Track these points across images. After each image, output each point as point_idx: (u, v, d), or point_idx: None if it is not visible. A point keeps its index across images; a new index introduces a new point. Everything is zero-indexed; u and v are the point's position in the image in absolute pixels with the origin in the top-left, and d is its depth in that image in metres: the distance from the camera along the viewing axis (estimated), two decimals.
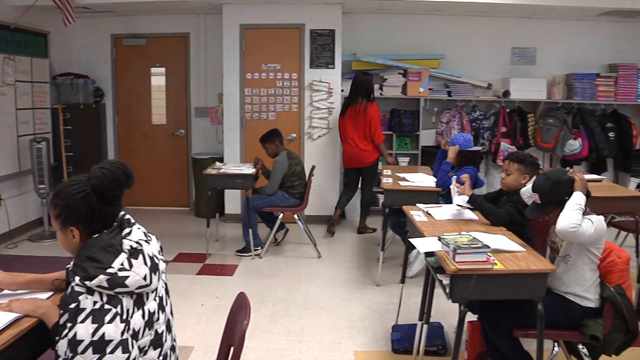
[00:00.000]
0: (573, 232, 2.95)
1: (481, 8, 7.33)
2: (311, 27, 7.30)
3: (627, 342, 3.08)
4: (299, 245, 6.60)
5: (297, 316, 4.59)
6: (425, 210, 4.05)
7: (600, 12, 7.37)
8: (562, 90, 7.95)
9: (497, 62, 8.06)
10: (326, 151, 7.45)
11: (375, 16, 7.87)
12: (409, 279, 5.31)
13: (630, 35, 8.16)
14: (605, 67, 8.19)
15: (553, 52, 8.11)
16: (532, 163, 3.93)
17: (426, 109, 7.84)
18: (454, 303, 2.93)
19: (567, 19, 8.00)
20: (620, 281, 3.07)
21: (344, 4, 7.23)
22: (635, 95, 7.98)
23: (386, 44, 7.87)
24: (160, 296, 2.11)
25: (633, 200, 5.35)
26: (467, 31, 7.95)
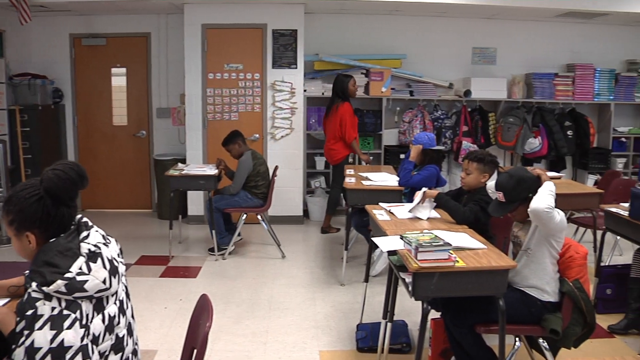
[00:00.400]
0: (547, 213, 3.02)
1: (441, 8, 7.40)
2: (273, 27, 7.27)
3: (585, 334, 3.16)
4: (262, 245, 6.57)
5: (262, 317, 4.57)
6: (387, 209, 4.07)
7: (558, 13, 7.51)
8: (522, 90, 8.08)
9: (458, 61, 8.16)
10: (289, 151, 7.43)
11: (338, 16, 7.88)
12: (373, 278, 5.33)
13: (586, 36, 8.34)
14: (563, 67, 8.36)
15: (513, 52, 8.23)
16: (491, 161, 3.98)
17: (388, 108, 7.90)
18: (416, 301, 2.95)
19: (526, 19, 8.13)
20: (578, 276, 3.14)
21: (306, 4, 7.23)
22: (592, 95, 8.17)
23: (348, 44, 7.90)
24: (121, 299, 2.08)
25: (591, 197, 5.47)
26: (429, 31, 8.02)
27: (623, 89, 8.26)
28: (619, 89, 8.24)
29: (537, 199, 3.06)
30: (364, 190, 5.13)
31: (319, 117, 7.74)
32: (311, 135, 7.77)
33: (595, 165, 8.15)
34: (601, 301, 4.71)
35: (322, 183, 7.89)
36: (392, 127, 7.97)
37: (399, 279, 3.15)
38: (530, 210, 3.06)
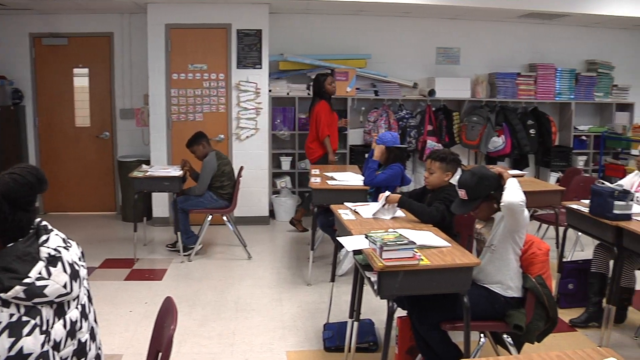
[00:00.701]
0: (521, 206, 3.08)
1: (406, 9, 7.45)
2: (238, 27, 7.23)
3: (547, 329, 3.21)
4: (228, 247, 6.54)
5: (228, 319, 4.55)
6: (352, 208, 4.08)
7: (520, 14, 7.62)
8: (485, 89, 8.18)
9: (423, 61, 8.23)
10: (255, 152, 7.40)
11: (303, 16, 7.88)
12: (340, 277, 5.35)
13: (548, 37, 8.49)
14: (526, 66, 8.49)
15: (476, 52, 8.33)
16: (453, 160, 4.02)
17: (354, 108, 7.92)
18: (382, 300, 2.97)
19: (489, 20, 8.23)
20: (541, 272, 3.19)
21: (271, 4, 7.20)
22: (554, 94, 8.31)
23: (313, 44, 7.90)
24: (83, 304, 2.04)
25: (553, 194, 5.57)
26: (393, 31, 8.07)
27: (583, 88, 8.44)
28: (579, 88, 8.41)
29: (510, 193, 3.10)
30: (329, 190, 5.15)
31: (284, 117, 7.74)
32: (276, 135, 7.76)
33: (557, 163, 8.30)
34: (563, 296, 4.80)
35: (287, 183, 7.88)
36: (358, 126, 8.00)
37: (365, 278, 3.16)
38: (505, 204, 3.09)
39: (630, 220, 3.92)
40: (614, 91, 8.66)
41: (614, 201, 3.88)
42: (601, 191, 3.99)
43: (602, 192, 3.98)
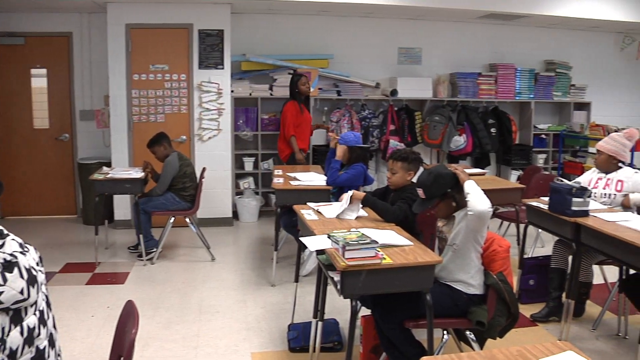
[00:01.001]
0: (490, 211, 3.14)
1: (368, 9, 7.49)
2: (199, 27, 7.17)
3: (509, 324, 3.27)
4: (192, 249, 6.48)
5: (192, 321, 4.50)
6: (315, 208, 4.08)
7: (481, 14, 7.73)
8: (446, 89, 8.27)
9: (385, 61, 8.28)
10: (217, 153, 7.34)
11: (265, 16, 7.86)
12: (304, 278, 5.35)
13: (508, 37, 8.63)
14: (486, 66, 8.60)
15: (437, 52, 8.42)
16: (415, 159, 4.05)
17: (316, 108, 7.94)
18: (345, 299, 2.97)
19: (450, 20, 8.33)
20: (501, 268, 3.24)
21: (233, 4, 7.17)
22: (514, 93, 8.45)
23: (276, 44, 7.89)
24: (41, 310, 2.00)
25: (514, 192, 5.66)
26: (355, 31, 8.10)
27: (542, 87, 8.60)
28: (538, 87, 8.57)
29: (476, 200, 3.13)
30: (292, 190, 5.14)
31: (246, 117, 7.71)
32: (239, 136, 7.71)
33: (517, 161, 8.44)
34: (524, 292, 4.88)
35: (251, 184, 7.86)
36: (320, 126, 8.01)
37: (328, 277, 3.16)
38: (475, 213, 3.12)
39: (588, 216, 4.00)
40: (572, 91, 8.85)
41: (572, 198, 3.95)
42: (560, 188, 4.06)
43: (560, 189, 4.05)
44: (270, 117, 7.84)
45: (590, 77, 9.04)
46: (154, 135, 6.13)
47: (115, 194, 6.93)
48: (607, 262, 4.37)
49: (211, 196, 7.25)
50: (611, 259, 3.98)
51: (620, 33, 9.04)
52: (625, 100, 9.39)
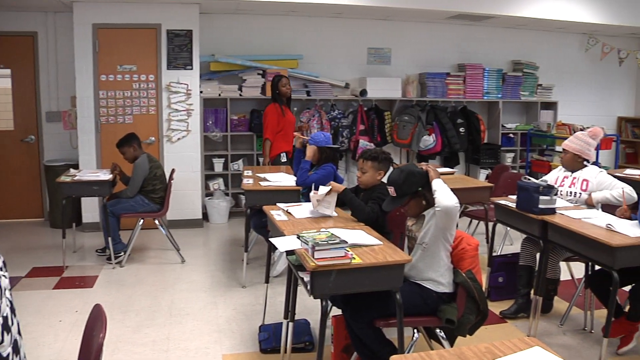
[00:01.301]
0: (457, 207, 3.17)
1: (337, 9, 7.50)
2: (168, 27, 7.11)
3: (479, 322, 3.30)
4: (161, 251, 6.41)
5: (162, 324, 4.46)
6: (285, 209, 4.08)
7: (449, 15, 7.79)
8: (416, 89, 8.33)
9: (354, 62, 8.30)
10: (187, 154, 7.29)
11: (234, 16, 7.82)
12: (274, 278, 5.34)
13: (476, 37, 8.73)
14: (455, 66, 8.69)
15: (407, 52, 8.47)
16: (385, 159, 4.06)
17: None
18: (315, 299, 2.97)
19: (418, 21, 8.38)
20: (471, 266, 3.27)
21: (202, 4, 7.12)
22: (482, 93, 8.55)
23: (245, 44, 7.86)
24: (4, 316, 1.96)
25: (483, 191, 5.72)
26: (325, 32, 8.11)
27: (510, 87, 8.71)
28: (506, 87, 8.68)
29: (443, 196, 3.17)
30: (261, 191, 5.12)
31: (216, 118, 7.66)
32: (208, 137, 7.66)
33: (486, 160, 8.53)
34: (494, 289, 4.93)
35: (220, 185, 7.81)
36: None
37: (298, 278, 3.16)
38: (442, 209, 3.15)
39: (555, 214, 4.06)
40: (539, 90, 8.98)
41: (539, 196, 4.01)
42: (527, 187, 4.11)
43: (527, 187, 4.11)
44: (239, 117, 7.81)
45: (557, 77, 9.20)
46: (125, 136, 6.06)
47: (82, 197, 6.82)
48: (574, 258, 4.45)
49: (181, 198, 7.20)
50: (577, 255, 4.04)
51: (584, 34, 9.20)
52: (590, 100, 9.59)
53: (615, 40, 9.27)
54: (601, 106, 9.71)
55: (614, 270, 3.49)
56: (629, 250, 3.50)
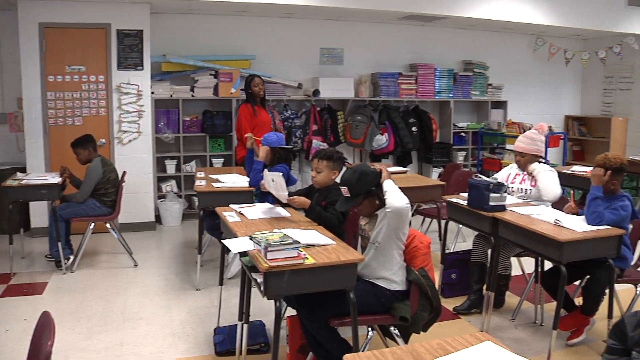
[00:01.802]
0: (408, 207, 3.19)
1: (289, 10, 7.49)
2: (117, 27, 6.98)
3: (432, 319, 3.34)
4: (113, 255, 6.30)
5: (115, 330, 4.37)
6: (238, 210, 4.05)
7: (400, 16, 7.87)
8: (368, 89, 8.38)
9: (307, 62, 8.31)
10: (138, 156, 7.17)
11: (185, 16, 7.74)
12: (229, 280, 5.31)
13: (427, 38, 8.84)
14: (407, 66, 8.78)
15: (359, 52, 8.52)
16: (339, 158, 4.08)
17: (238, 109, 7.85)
18: (269, 300, 2.96)
19: (371, 21, 8.44)
20: (423, 264, 3.31)
21: (152, 3, 7.01)
22: (434, 93, 8.66)
23: (197, 44, 7.78)
24: None
25: (435, 189, 5.80)
26: (277, 32, 8.10)
27: (461, 87, 8.85)
28: (457, 87, 8.81)
29: (394, 197, 3.19)
30: (214, 192, 5.08)
31: (168, 119, 7.57)
32: (160, 138, 7.56)
33: (438, 159, 8.64)
34: (447, 286, 5.00)
35: (173, 187, 7.72)
36: None
37: (252, 279, 3.14)
38: (392, 209, 3.18)
39: (505, 211, 4.14)
40: (489, 90, 9.15)
41: (489, 194, 4.08)
42: (477, 185, 4.19)
43: (478, 185, 4.18)
44: (192, 118, 7.73)
45: (506, 76, 9.38)
46: (82, 136, 5.93)
47: (30, 201, 6.65)
48: (524, 254, 4.54)
49: (132, 200, 7.09)
50: (527, 251, 4.14)
51: (533, 35, 9.42)
52: (538, 99, 9.84)
53: (561, 41, 9.52)
54: (549, 105, 9.97)
55: (562, 265, 3.58)
56: (576, 245, 3.60)
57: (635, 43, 8.92)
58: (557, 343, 3.95)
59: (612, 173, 3.91)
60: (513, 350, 2.06)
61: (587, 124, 10.20)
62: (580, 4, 8.35)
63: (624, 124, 9.51)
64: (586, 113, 10.24)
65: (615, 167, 3.92)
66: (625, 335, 1.84)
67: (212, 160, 7.74)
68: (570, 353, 4.04)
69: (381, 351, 2.04)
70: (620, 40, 9.03)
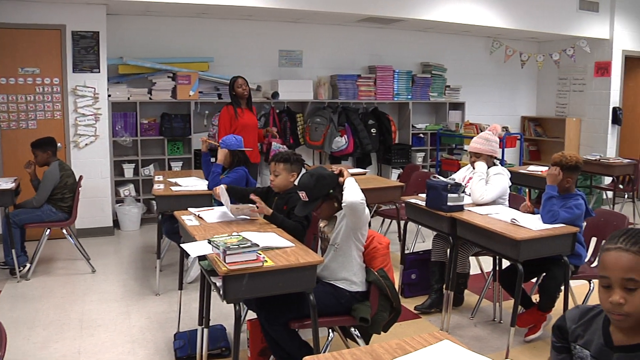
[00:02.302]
0: (362, 204, 3.18)
1: (248, 12, 7.45)
2: (73, 28, 6.84)
3: (392, 319, 3.37)
4: (70, 261, 6.17)
5: (73, 338, 4.28)
6: (196, 214, 4.02)
7: (359, 18, 7.90)
8: (327, 91, 8.39)
9: (266, 64, 8.28)
10: (95, 159, 7.05)
11: (143, 18, 7.64)
12: (189, 284, 5.26)
13: (385, 40, 8.91)
14: (365, 68, 8.82)
15: (318, 54, 8.53)
16: (297, 160, 4.07)
17: (197, 112, 7.79)
18: (228, 304, 2.94)
19: (330, 24, 8.46)
20: (382, 265, 3.33)
21: (109, 4, 6.90)
22: (392, 95, 8.72)
23: (154, 47, 7.68)
24: None
25: (394, 190, 5.84)
26: (236, 34, 8.05)
27: (419, 89, 8.93)
28: (415, 89, 8.89)
29: (350, 193, 3.20)
30: (173, 196, 5.03)
31: (125, 122, 7.46)
32: (118, 142, 7.44)
33: (397, 160, 8.71)
34: (407, 286, 5.04)
35: (131, 191, 7.61)
36: (202, 130, 7.85)
37: (211, 283, 3.12)
38: (347, 204, 3.18)
39: (463, 211, 4.19)
40: (447, 91, 9.26)
41: (447, 194, 4.13)
42: (435, 185, 4.23)
43: (436, 186, 4.23)
44: (150, 121, 7.63)
45: (464, 78, 9.52)
46: (43, 138, 5.84)
47: None
48: (482, 253, 4.60)
49: (90, 205, 6.96)
50: (485, 250, 4.20)
51: (489, 37, 9.57)
52: (495, 100, 10.00)
53: (517, 43, 9.69)
54: (506, 106, 10.15)
55: (519, 263, 3.65)
56: (532, 244, 3.67)
57: (587, 46, 9.16)
58: (515, 339, 4.02)
59: (567, 170, 4.00)
60: (472, 347, 2.09)
61: (543, 125, 10.42)
62: (534, 8, 8.53)
63: (578, 124, 9.73)
64: (541, 114, 10.45)
65: (570, 164, 4.02)
66: (565, 331, 1.88)
67: (171, 163, 7.65)
68: (528, 349, 4.12)
69: (340, 352, 2.04)
70: (573, 43, 9.25)
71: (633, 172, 7.88)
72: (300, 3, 7.11)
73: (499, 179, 4.54)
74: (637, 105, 9.93)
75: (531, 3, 8.50)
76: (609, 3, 9.13)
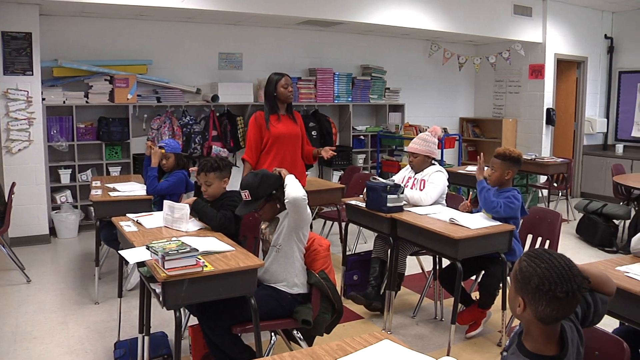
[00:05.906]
0: (304, 200, 3.20)
1: (187, 14, 7.35)
2: (3, 29, 6.59)
3: (335, 320, 3.39)
4: (3, 272, 5.95)
5: (5, 352, 4.12)
6: (135, 219, 3.94)
7: (299, 21, 7.91)
8: None
9: (205, 67, 8.20)
10: (30, 165, 6.82)
11: (78, 19, 7.44)
12: (129, 292, 5.16)
13: (326, 43, 8.96)
14: (306, 71, 8.84)
15: (258, 57, 8.50)
16: (227, 165, 4.04)
17: (135, 115, 7.63)
18: (168, 310, 2.89)
19: (270, 26, 8.45)
20: (323, 267, 3.35)
21: (42, 5, 6.68)
22: (333, 97, 8.76)
23: (91, 49, 7.49)
24: None
25: (335, 192, 5.88)
26: (175, 36, 7.95)
27: (359, 91, 9.01)
28: (355, 91, 8.97)
29: (292, 189, 3.21)
30: (111, 201, 4.92)
31: (61, 127, 7.24)
32: (53, 147, 7.23)
33: (338, 162, 8.76)
34: (349, 287, 5.06)
35: (68, 197, 7.40)
36: (141, 134, 7.71)
37: (150, 290, 3.06)
38: (289, 200, 3.19)
39: (403, 211, 4.25)
40: (387, 94, 9.37)
41: (387, 195, 4.18)
42: (375, 187, 4.28)
43: (376, 187, 4.27)
44: (87, 125, 7.44)
45: (403, 81, 9.66)
46: None
47: None
48: (422, 252, 4.67)
49: (24, 213, 6.75)
50: (425, 249, 4.27)
51: (428, 40, 9.74)
52: (434, 102, 10.19)
53: (455, 46, 9.90)
54: (444, 108, 10.35)
55: (458, 262, 3.71)
56: (470, 242, 3.75)
57: (522, 49, 9.42)
58: (456, 336, 4.08)
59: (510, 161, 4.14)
60: (415, 346, 2.12)
61: (480, 126, 10.66)
62: (471, 12, 8.73)
63: (514, 125, 10.01)
64: (479, 115, 10.70)
65: (514, 157, 4.16)
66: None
67: (109, 168, 7.48)
68: (469, 345, 4.20)
69: (281, 355, 2.04)
70: (509, 46, 9.51)
71: (566, 170, 8.16)
72: (240, 6, 7.06)
73: (439, 177, 4.61)
74: (569, 107, 10.28)
75: (468, 7, 8.70)
76: (542, 8, 9.43)
